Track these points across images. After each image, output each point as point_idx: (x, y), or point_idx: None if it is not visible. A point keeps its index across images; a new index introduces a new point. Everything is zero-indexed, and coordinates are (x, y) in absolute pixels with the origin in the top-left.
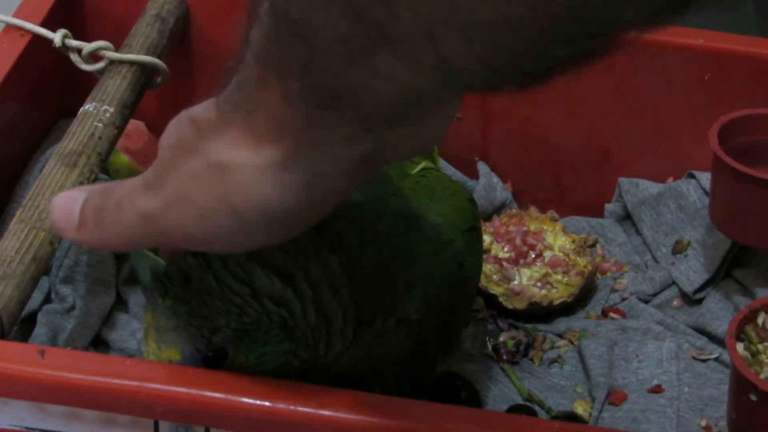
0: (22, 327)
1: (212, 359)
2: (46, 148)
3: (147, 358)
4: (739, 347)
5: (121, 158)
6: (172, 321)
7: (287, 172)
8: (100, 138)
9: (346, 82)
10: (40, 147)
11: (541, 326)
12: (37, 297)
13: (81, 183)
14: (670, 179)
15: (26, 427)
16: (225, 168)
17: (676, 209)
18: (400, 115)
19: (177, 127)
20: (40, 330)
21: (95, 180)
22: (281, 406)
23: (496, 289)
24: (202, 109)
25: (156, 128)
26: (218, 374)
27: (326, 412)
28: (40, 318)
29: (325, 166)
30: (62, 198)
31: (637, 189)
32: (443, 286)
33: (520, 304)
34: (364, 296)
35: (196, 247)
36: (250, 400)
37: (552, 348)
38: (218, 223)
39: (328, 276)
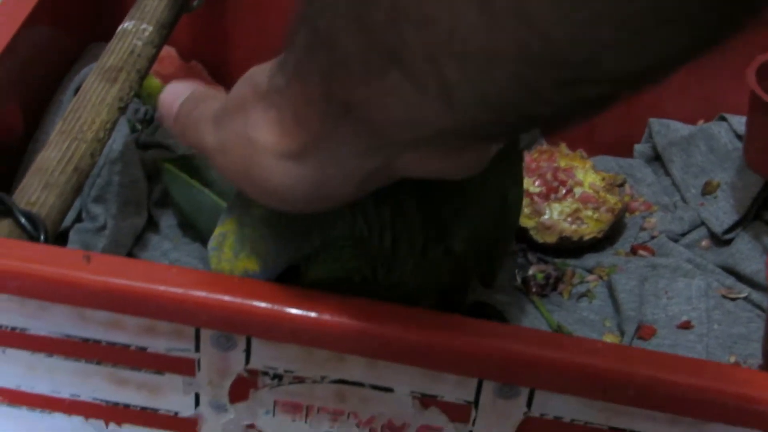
0: (54, 244)
1: (286, 274)
2: (78, 69)
3: (217, 266)
4: None
5: (154, 82)
6: (261, 230)
7: (300, 167)
8: (139, 55)
9: (361, 95)
10: (73, 69)
11: (570, 261)
12: (69, 215)
13: (120, 99)
14: (701, 121)
15: (66, 335)
16: (254, 143)
17: (706, 151)
18: (410, 139)
19: (248, 80)
20: (71, 247)
21: (134, 97)
22: (327, 317)
23: (527, 223)
24: (265, 76)
25: (187, 55)
26: (263, 284)
27: (372, 325)
28: (72, 236)
29: (333, 171)
30: (171, 89)
31: (668, 130)
32: (488, 216)
33: (550, 239)
34: (423, 223)
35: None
36: (296, 311)
37: (581, 282)
38: (243, 184)
39: (402, 204)
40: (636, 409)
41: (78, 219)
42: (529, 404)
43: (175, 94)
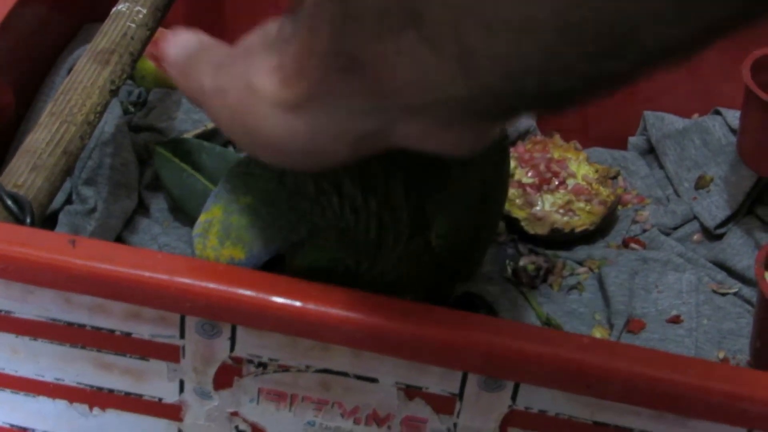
0: (43, 226)
1: (272, 263)
2: (72, 50)
3: (202, 253)
4: None
5: (148, 64)
6: (248, 219)
7: (295, 118)
8: (132, 38)
9: (371, 52)
10: (66, 49)
11: (561, 253)
12: (58, 197)
13: (112, 81)
14: (696, 115)
15: (51, 319)
16: (253, 90)
17: (700, 144)
18: (415, 103)
19: (259, 30)
20: (60, 229)
21: (125, 79)
22: (312, 307)
23: (518, 214)
24: (274, 26)
25: None
26: (249, 272)
27: (357, 315)
28: (61, 218)
29: (329, 128)
30: (180, 37)
31: (662, 123)
32: (468, 212)
33: (541, 230)
34: (409, 216)
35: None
36: (281, 300)
37: (572, 275)
38: (236, 132)
39: (390, 195)
40: (621, 404)
41: (68, 201)
42: (513, 397)
43: (179, 43)
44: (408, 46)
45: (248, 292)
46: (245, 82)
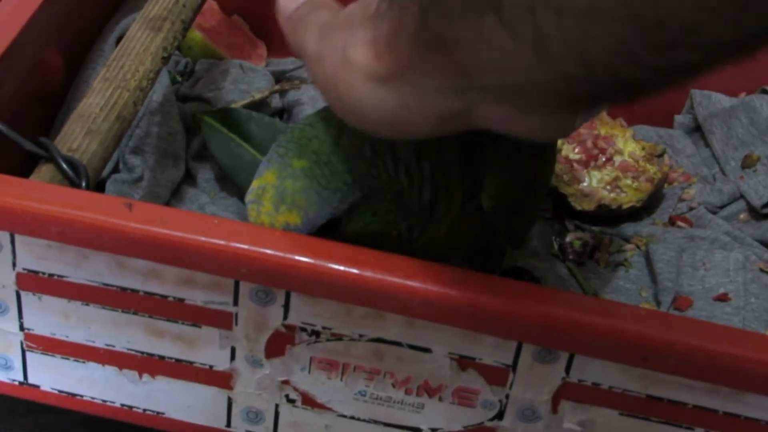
0: None
1: (327, 227)
2: (120, 18)
3: (256, 219)
4: None
5: (195, 34)
6: (302, 182)
7: (383, 92)
8: (184, 6)
9: (455, 33)
10: (114, 18)
11: (608, 229)
12: (106, 166)
13: (164, 48)
14: (743, 94)
15: (104, 284)
16: (348, 60)
17: (747, 124)
18: (496, 85)
19: (362, 0)
20: None
21: (176, 47)
22: (368, 274)
23: (566, 190)
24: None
25: (228, 9)
26: (305, 238)
27: (413, 283)
28: (108, 186)
29: (414, 103)
30: None
31: (709, 101)
32: (518, 175)
33: (588, 206)
34: (462, 180)
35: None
36: (337, 266)
37: (618, 251)
38: (329, 96)
39: (443, 159)
40: (675, 377)
41: (115, 170)
42: (567, 370)
43: None
44: (488, 29)
45: (305, 259)
46: (341, 53)
